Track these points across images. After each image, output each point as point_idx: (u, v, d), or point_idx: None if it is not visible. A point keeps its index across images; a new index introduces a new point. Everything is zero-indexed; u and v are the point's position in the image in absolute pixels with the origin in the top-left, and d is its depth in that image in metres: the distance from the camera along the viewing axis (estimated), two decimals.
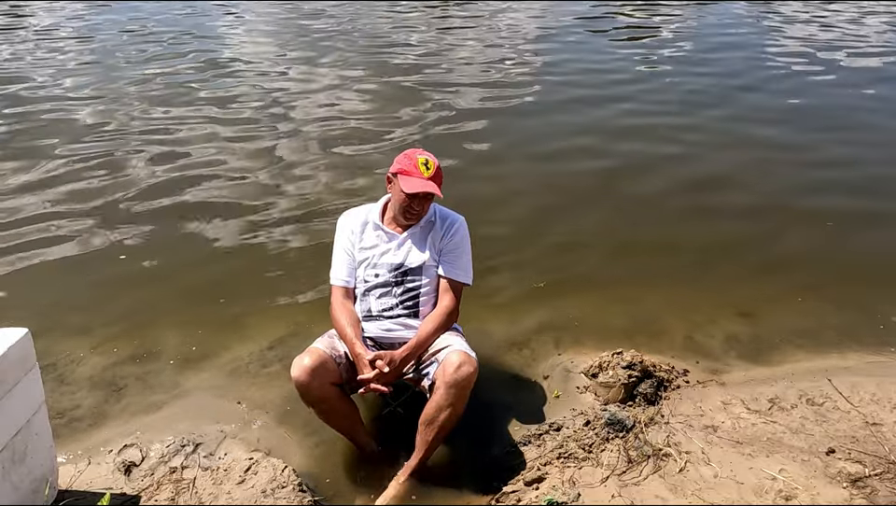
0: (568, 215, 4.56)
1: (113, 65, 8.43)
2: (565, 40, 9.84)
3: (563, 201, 4.76)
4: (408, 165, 2.48)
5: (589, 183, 5.05)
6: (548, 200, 4.78)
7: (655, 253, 4.06)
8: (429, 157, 2.51)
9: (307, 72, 8.10)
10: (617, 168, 5.31)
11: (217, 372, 3.06)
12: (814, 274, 3.82)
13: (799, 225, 4.37)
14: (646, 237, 4.25)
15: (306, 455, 2.60)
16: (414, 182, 2.45)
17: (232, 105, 6.84)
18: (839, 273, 3.84)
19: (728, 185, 4.98)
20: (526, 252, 4.07)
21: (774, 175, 5.14)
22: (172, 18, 11.66)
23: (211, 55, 8.94)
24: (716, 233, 4.30)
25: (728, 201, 4.73)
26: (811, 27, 10.64)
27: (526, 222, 4.45)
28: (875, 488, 2.21)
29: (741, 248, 4.12)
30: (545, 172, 5.25)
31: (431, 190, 2.45)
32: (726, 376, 2.95)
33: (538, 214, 4.57)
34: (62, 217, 4.47)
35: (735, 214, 4.55)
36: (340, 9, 12.36)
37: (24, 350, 2.02)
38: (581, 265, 3.95)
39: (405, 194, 2.47)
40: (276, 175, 5.15)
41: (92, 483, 2.34)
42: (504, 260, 3.92)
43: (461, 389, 2.32)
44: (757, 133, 6.02)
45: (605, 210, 4.63)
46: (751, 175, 5.14)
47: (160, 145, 5.77)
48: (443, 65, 8.37)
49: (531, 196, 4.84)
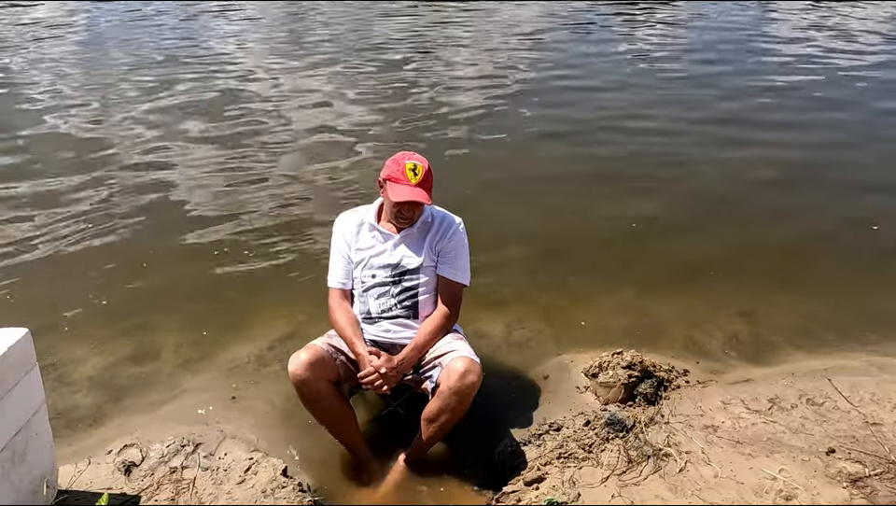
0: (569, 215, 4.56)
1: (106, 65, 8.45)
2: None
3: (563, 200, 4.76)
4: (396, 172, 2.44)
5: (588, 182, 5.05)
6: (548, 199, 4.78)
7: (655, 253, 4.06)
8: (418, 161, 2.46)
9: (301, 73, 8.10)
10: (616, 168, 5.31)
11: (217, 372, 3.06)
12: (814, 274, 3.82)
13: (799, 225, 4.38)
14: (646, 237, 4.24)
15: (306, 455, 2.60)
16: (402, 190, 2.41)
17: (229, 106, 6.84)
18: (839, 273, 3.84)
19: (728, 185, 4.98)
20: (526, 252, 4.07)
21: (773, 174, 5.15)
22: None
23: (204, 55, 8.95)
24: (716, 233, 4.30)
25: (728, 200, 4.73)
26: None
27: (526, 222, 4.45)
28: (875, 488, 2.21)
29: (741, 248, 4.11)
30: (545, 172, 5.25)
31: (419, 199, 2.41)
32: (726, 376, 2.95)
33: (538, 214, 4.57)
34: (61, 218, 4.47)
35: (735, 213, 4.55)
36: (334, 9, 12.36)
37: (24, 350, 2.02)
38: (581, 265, 3.95)
39: (393, 204, 2.47)
40: (274, 176, 5.14)
41: (92, 483, 2.34)
42: (504, 260, 3.92)
43: (465, 396, 2.33)
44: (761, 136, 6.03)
45: (605, 210, 4.63)
46: (752, 174, 5.14)
47: (156, 145, 5.77)
48: (442, 65, 8.38)
49: (531, 196, 4.84)
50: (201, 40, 9.93)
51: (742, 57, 8.78)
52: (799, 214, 4.53)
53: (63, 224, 4.39)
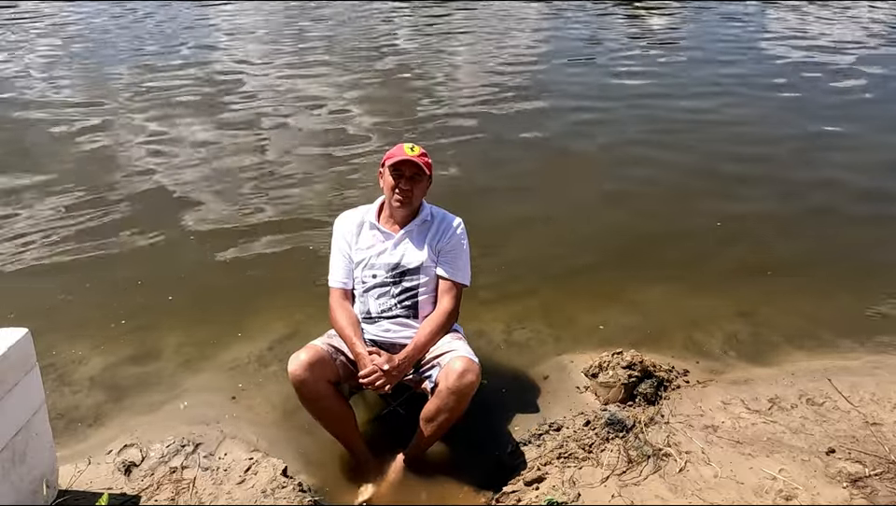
0: (569, 215, 4.56)
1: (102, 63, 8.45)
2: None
3: (563, 200, 4.76)
4: (394, 150, 2.55)
5: (588, 183, 5.05)
6: (548, 199, 4.78)
7: (655, 253, 4.06)
8: (416, 145, 2.57)
9: (301, 73, 8.10)
10: (617, 168, 5.31)
11: (217, 372, 3.06)
12: (814, 274, 3.82)
13: (799, 224, 4.38)
14: (646, 237, 4.24)
15: (306, 455, 2.60)
16: (399, 157, 2.50)
17: (227, 108, 6.84)
18: (839, 272, 3.84)
19: (728, 185, 4.98)
20: (526, 252, 4.07)
21: (775, 173, 5.14)
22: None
23: (201, 55, 8.95)
24: (716, 233, 4.30)
25: (728, 201, 4.73)
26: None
27: (526, 222, 4.45)
28: (875, 488, 2.21)
29: (741, 248, 4.12)
30: (544, 172, 5.25)
31: (415, 160, 2.48)
32: (726, 376, 2.95)
33: (538, 213, 4.57)
34: (61, 218, 4.47)
35: (735, 214, 4.55)
36: (333, 10, 12.36)
37: (24, 350, 2.02)
38: (582, 265, 3.94)
39: (391, 171, 2.50)
40: (274, 178, 5.14)
41: (92, 483, 2.33)
42: (504, 260, 3.92)
43: (463, 396, 2.33)
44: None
45: (605, 210, 4.63)
46: (751, 174, 5.14)
47: (156, 145, 5.77)
48: (441, 66, 8.37)
49: (530, 197, 4.84)
50: (200, 40, 9.93)
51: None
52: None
53: (63, 224, 4.39)
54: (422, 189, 2.58)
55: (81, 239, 4.21)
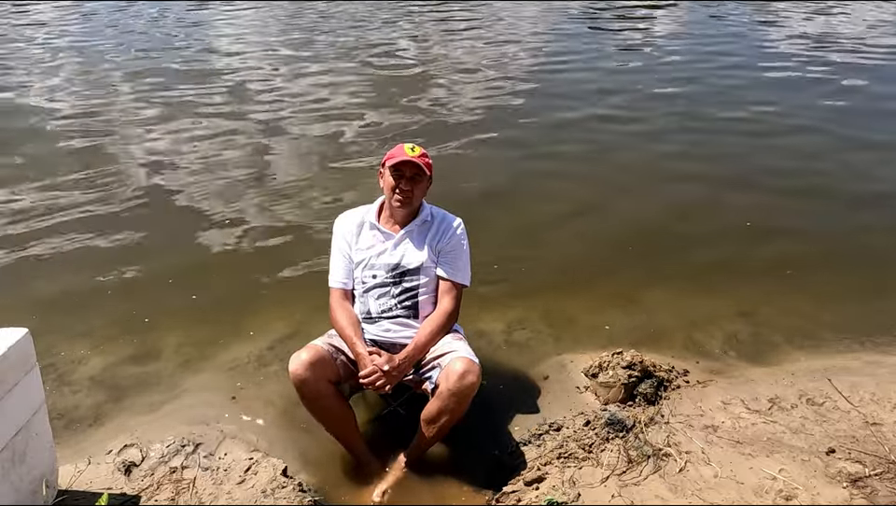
0: (569, 215, 4.56)
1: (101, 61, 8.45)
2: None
3: (563, 201, 4.76)
4: (394, 151, 2.55)
5: (588, 184, 5.05)
6: (548, 200, 4.78)
7: (655, 253, 4.06)
8: (416, 145, 2.56)
9: (301, 72, 8.10)
10: (616, 167, 5.32)
11: (217, 372, 3.05)
12: (814, 274, 3.82)
13: (800, 224, 4.37)
14: (645, 237, 4.24)
15: (306, 455, 2.60)
16: (399, 157, 2.50)
17: (229, 106, 6.84)
18: (839, 272, 3.84)
19: (727, 186, 4.98)
20: (526, 252, 4.07)
21: (774, 174, 5.14)
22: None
23: (201, 55, 8.95)
24: (715, 233, 4.30)
25: (728, 201, 4.73)
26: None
27: (526, 222, 4.45)
28: (875, 488, 2.21)
29: (741, 248, 4.12)
30: (544, 173, 5.25)
31: (415, 161, 2.47)
32: (726, 376, 2.95)
33: (538, 213, 4.57)
34: (61, 218, 4.47)
35: (735, 214, 4.55)
36: (336, 9, 12.36)
37: (24, 350, 2.02)
38: (582, 265, 3.95)
39: (391, 171, 2.50)
40: (274, 178, 5.15)
41: (92, 483, 2.33)
42: (504, 261, 3.92)
43: (464, 397, 2.33)
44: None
45: (605, 210, 4.63)
46: (752, 174, 5.14)
47: (156, 145, 5.77)
48: (441, 66, 8.37)
49: (530, 197, 4.84)
50: (199, 40, 9.93)
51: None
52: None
53: (63, 223, 4.39)
54: (422, 189, 2.58)
55: (81, 239, 4.21)
